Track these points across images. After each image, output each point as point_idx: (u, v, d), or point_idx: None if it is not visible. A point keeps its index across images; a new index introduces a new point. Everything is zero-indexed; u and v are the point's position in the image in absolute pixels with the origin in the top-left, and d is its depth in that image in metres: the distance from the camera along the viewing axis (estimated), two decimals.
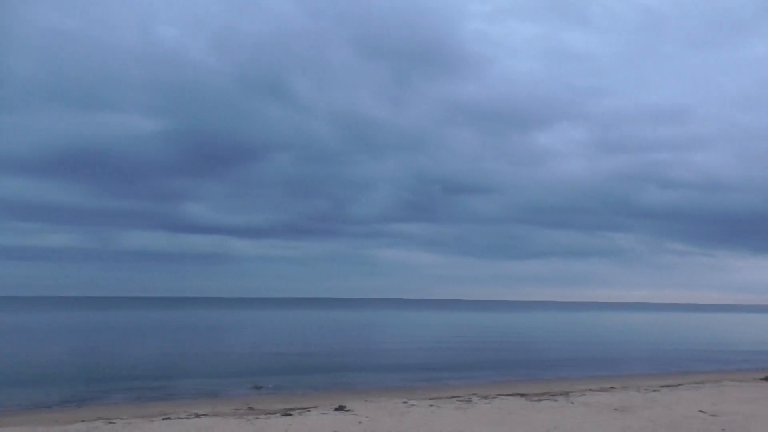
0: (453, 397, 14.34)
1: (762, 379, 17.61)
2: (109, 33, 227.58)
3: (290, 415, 11.68)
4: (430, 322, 70.83)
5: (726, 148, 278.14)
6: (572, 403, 13.04)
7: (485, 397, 13.99)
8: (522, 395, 14.36)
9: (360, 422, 10.81)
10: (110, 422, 11.02)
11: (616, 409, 12.19)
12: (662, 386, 16.04)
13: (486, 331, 52.82)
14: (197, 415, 11.79)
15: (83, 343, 35.33)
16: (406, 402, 13.33)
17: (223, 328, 54.29)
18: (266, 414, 12.03)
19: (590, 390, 15.34)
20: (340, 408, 12.33)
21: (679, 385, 16.39)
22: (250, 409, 13.01)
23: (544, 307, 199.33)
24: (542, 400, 13.50)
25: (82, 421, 11.41)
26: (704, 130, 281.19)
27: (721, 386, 15.92)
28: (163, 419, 11.31)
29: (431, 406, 12.74)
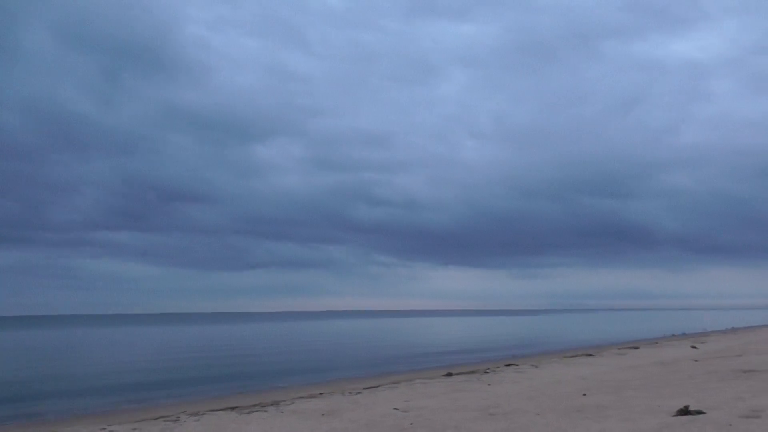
0: (160, 417, 13.49)
1: (444, 375, 20.19)
2: None
3: None
4: (140, 339, 66.11)
5: (420, 172, 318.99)
6: (282, 412, 13.28)
7: (194, 414, 13.45)
8: (233, 408, 14.17)
9: None
10: None
11: (323, 414, 12.76)
12: (365, 388, 17.32)
13: (201, 345, 51.28)
14: None
15: None
16: (104, 429, 12.12)
17: None
18: None
19: (300, 397, 15.82)
20: None
21: (379, 386, 17.87)
22: None
23: (263, 318, 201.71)
24: (253, 411, 13.49)
25: None
26: (404, 156, 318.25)
27: (413, 384, 17.81)
28: None
29: (134, 430, 11.80)
